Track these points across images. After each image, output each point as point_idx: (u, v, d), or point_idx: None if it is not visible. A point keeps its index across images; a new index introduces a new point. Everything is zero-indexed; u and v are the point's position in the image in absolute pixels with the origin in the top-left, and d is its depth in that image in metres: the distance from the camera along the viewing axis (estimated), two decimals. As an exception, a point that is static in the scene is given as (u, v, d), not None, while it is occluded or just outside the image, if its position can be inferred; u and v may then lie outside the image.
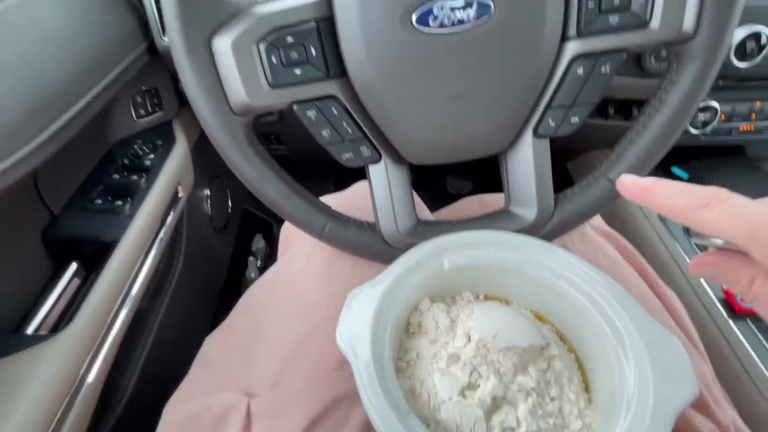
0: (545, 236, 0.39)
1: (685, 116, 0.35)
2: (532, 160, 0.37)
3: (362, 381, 0.27)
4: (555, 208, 0.39)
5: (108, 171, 0.54)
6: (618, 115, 0.66)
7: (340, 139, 0.35)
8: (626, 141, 0.37)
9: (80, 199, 0.50)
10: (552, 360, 0.31)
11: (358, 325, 0.30)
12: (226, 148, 0.34)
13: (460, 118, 0.35)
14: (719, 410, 0.33)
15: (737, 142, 0.67)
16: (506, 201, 0.40)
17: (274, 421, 0.33)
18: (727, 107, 0.63)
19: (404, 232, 0.38)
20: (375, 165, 0.37)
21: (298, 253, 0.44)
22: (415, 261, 0.34)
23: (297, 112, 0.34)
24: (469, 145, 0.37)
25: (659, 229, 0.64)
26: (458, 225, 0.40)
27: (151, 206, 0.51)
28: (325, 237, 0.38)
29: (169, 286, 0.61)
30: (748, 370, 0.49)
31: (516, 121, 0.36)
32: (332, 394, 0.33)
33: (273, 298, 0.42)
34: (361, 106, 0.35)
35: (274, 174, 0.36)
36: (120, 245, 0.46)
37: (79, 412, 0.38)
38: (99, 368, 0.40)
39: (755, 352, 0.50)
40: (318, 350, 0.36)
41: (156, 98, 0.61)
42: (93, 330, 0.40)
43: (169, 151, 0.58)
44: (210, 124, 0.33)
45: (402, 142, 0.36)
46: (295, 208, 0.37)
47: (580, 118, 0.36)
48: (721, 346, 0.52)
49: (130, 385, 0.52)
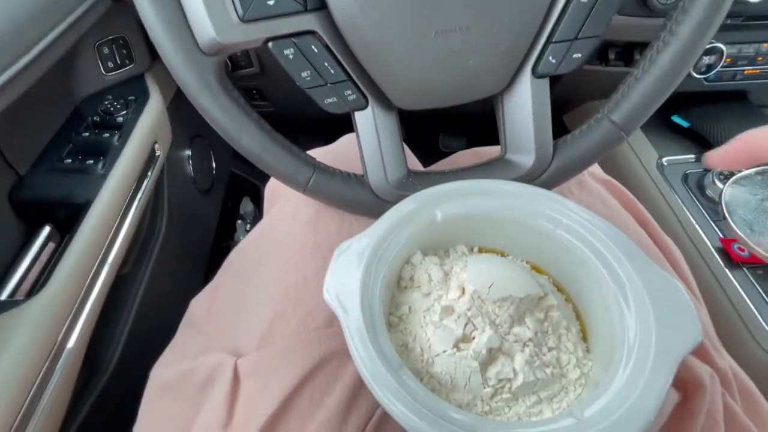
0: (543, 184, 0.37)
1: (696, 49, 0.32)
2: (530, 102, 0.35)
3: (352, 337, 0.26)
4: (554, 154, 0.36)
5: (77, 129, 0.50)
6: (619, 61, 0.63)
7: (322, 82, 0.32)
8: (632, 78, 0.35)
9: (48, 158, 0.47)
10: (549, 310, 0.30)
11: (347, 280, 0.28)
12: (195, 92, 0.31)
13: (453, 54, 0.32)
14: (717, 356, 0.33)
15: (741, 87, 0.64)
16: (502, 149, 0.38)
17: (263, 380, 0.32)
18: (733, 50, 0.60)
19: (394, 183, 0.36)
20: (361, 111, 0.35)
21: (283, 210, 0.42)
22: (406, 212, 0.32)
23: (273, 51, 0.31)
24: (462, 87, 0.34)
25: (657, 179, 0.63)
26: (451, 175, 0.38)
27: (126, 165, 0.48)
28: (310, 190, 0.36)
29: (153, 249, 0.59)
30: (743, 318, 0.49)
31: (513, 59, 0.33)
32: (322, 352, 0.32)
33: (259, 257, 0.41)
34: (344, 43, 0.32)
35: (252, 122, 0.33)
36: (94, 206, 0.43)
37: (61, 377, 0.36)
38: (80, 333, 0.39)
39: (750, 300, 0.50)
40: (306, 307, 0.34)
41: (125, 49, 0.57)
42: (70, 294, 0.38)
43: (143, 106, 0.54)
44: (174, 64, 0.30)
45: (389, 85, 0.33)
46: (277, 159, 0.34)
47: (583, 54, 0.33)
48: (717, 294, 0.52)
49: (117, 350, 0.51)
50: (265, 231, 0.43)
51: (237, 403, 0.32)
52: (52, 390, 0.35)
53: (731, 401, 0.31)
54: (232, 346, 0.35)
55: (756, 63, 0.61)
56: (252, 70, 0.65)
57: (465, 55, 0.32)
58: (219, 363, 0.34)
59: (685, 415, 0.30)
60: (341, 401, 0.30)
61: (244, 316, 0.37)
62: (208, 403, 0.33)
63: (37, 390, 0.34)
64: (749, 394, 0.33)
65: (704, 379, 0.30)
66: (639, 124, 0.35)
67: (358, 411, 0.31)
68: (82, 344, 0.40)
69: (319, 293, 0.34)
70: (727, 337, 0.46)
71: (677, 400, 0.30)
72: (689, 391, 0.30)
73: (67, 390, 0.39)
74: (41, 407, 0.34)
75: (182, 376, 0.36)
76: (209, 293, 0.43)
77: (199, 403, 0.34)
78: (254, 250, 0.42)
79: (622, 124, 0.35)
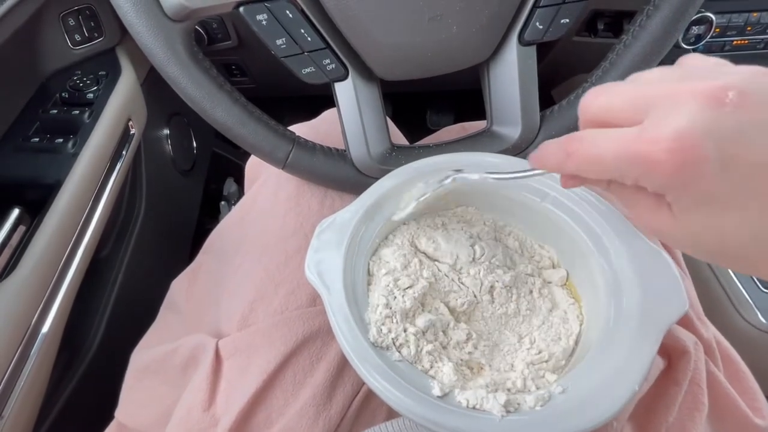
0: (530, 157, 0.36)
1: (688, 11, 0.31)
2: (516, 71, 0.34)
3: (334, 315, 0.25)
4: (541, 125, 0.35)
5: (44, 105, 0.47)
6: (608, 32, 0.61)
7: (298, 50, 0.31)
8: (621, 45, 0.33)
9: (13, 137, 0.44)
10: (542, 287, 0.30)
11: (329, 256, 0.28)
12: (161, 61, 0.29)
13: (436, 19, 0.30)
14: (702, 326, 0.33)
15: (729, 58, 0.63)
16: (488, 121, 0.37)
17: (245, 360, 0.31)
18: (723, 20, 0.59)
19: (376, 158, 0.35)
20: (341, 83, 0.33)
21: (264, 188, 0.40)
22: (390, 187, 0.31)
23: (245, 16, 0.29)
24: (446, 55, 0.33)
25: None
26: (436, 149, 0.36)
27: (98, 143, 0.46)
28: (290, 166, 0.34)
29: (133, 231, 0.58)
30: (727, 291, 0.50)
31: (499, 24, 0.32)
32: (305, 330, 0.31)
33: (240, 237, 0.39)
34: (321, 8, 0.30)
35: (225, 94, 0.32)
36: (65, 186, 0.41)
37: (36, 361, 0.35)
38: (55, 317, 0.37)
39: (734, 273, 0.51)
40: (289, 287, 0.33)
41: (93, 21, 0.53)
42: (42, 277, 0.37)
43: (115, 82, 0.51)
44: (138, 29, 0.28)
45: (370, 53, 0.32)
46: (253, 134, 0.33)
47: (570, 19, 0.32)
48: (702, 267, 0.52)
49: (99, 333, 0.50)
50: (245, 210, 0.41)
51: (219, 383, 0.31)
52: (27, 374, 0.34)
53: (714, 368, 0.32)
54: (213, 327, 0.34)
55: (745, 33, 0.60)
56: (229, 43, 0.62)
57: (448, 19, 0.30)
58: (200, 344, 0.33)
59: (669, 381, 0.30)
60: (325, 380, 0.30)
61: (225, 297, 0.36)
62: (190, 384, 0.32)
63: (11, 374, 0.33)
64: (732, 362, 0.34)
65: (689, 347, 0.30)
66: None
67: (343, 388, 0.30)
68: (58, 328, 0.39)
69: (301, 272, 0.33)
70: (712, 309, 0.47)
71: (663, 367, 0.30)
72: (674, 358, 0.30)
73: (44, 374, 0.38)
74: (17, 391, 0.33)
75: (164, 358, 0.36)
76: (190, 275, 0.42)
77: (181, 385, 0.33)
78: (235, 229, 0.41)
79: None
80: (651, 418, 0.30)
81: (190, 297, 0.40)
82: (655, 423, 0.30)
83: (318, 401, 0.29)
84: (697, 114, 0.15)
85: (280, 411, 0.30)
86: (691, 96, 0.16)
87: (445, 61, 0.33)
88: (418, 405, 0.22)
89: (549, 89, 0.82)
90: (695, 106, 0.15)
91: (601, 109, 0.19)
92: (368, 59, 0.32)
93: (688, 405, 0.30)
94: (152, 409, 0.35)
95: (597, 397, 0.22)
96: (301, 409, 0.29)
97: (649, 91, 0.17)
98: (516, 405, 0.23)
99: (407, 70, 0.33)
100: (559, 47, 0.66)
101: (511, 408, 0.22)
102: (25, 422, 0.37)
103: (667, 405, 0.29)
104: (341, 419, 0.30)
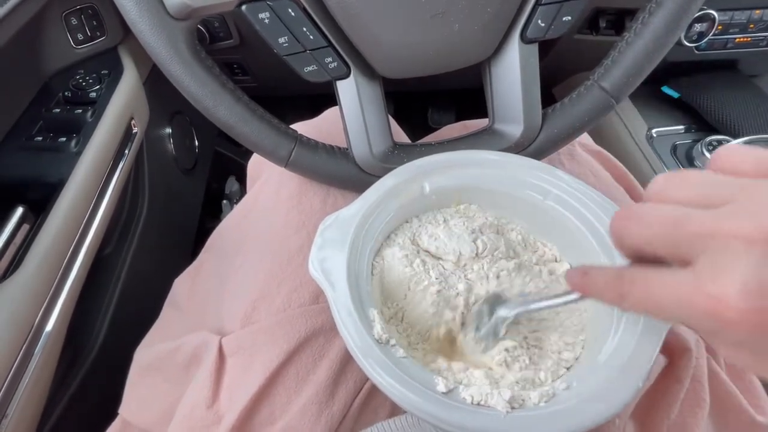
0: (532, 155, 0.36)
1: (691, 9, 0.31)
2: (518, 69, 0.34)
3: (339, 312, 0.25)
4: (543, 123, 0.35)
5: (47, 105, 0.48)
6: (610, 30, 0.61)
7: (300, 48, 0.31)
8: (623, 43, 0.33)
9: (17, 136, 0.44)
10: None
11: (333, 253, 0.28)
12: (164, 59, 0.29)
13: (438, 17, 0.30)
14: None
15: (732, 55, 0.63)
16: (490, 119, 0.37)
17: (248, 357, 0.31)
18: (725, 17, 0.59)
19: (379, 156, 0.35)
20: (343, 81, 0.33)
21: (266, 186, 0.40)
22: (392, 185, 0.31)
23: (247, 15, 0.29)
24: (448, 53, 0.33)
25: (646, 150, 0.62)
26: (438, 147, 0.36)
27: (102, 142, 0.46)
28: (292, 164, 0.34)
29: (135, 230, 0.58)
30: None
31: (501, 22, 0.32)
32: (308, 328, 0.31)
33: (242, 235, 0.40)
34: (323, 6, 0.30)
35: (228, 92, 0.32)
36: (68, 185, 0.41)
37: (40, 360, 0.36)
38: (59, 315, 0.38)
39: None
40: (291, 285, 0.33)
41: (95, 20, 0.53)
42: (46, 276, 0.37)
43: (117, 81, 0.51)
44: (141, 28, 0.28)
45: (372, 51, 0.32)
46: (256, 132, 0.33)
47: (573, 17, 0.32)
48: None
49: (102, 331, 0.50)
50: (247, 208, 0.41)
51: (222, 381, 0.31)
52: (31, 373, 0.35)
53: (716, 365, 0.32)
54: (216, 325, 0.35)
55: (747, 30, 0.60)
56: (231, 42, 0.62)
57: (450, 17, 0.30)
58: (204, 341, 0.33)
59: (671, 378, 0.30)
60: (328, 377, 0.30)
61: (228, 295, 0.36)
62: (193, 382, 0.32)
63: (15, 372, 0.33)
64: (733, 360, 0.34)
65: (690, 344, 0.30)
66: (630, 91, 0.34)
67: (345, 385, 0.30)
68: (62, 326, 0.39)
69: (304, 270, 0.33)
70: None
71: (664, 364, 0.30)
72: (676, 355, 0.31)
73: (48, 372, 0.38)
74: (21, 389, 0.34)
75: (167, 356, 0.36)
76: (192, 273, 0.42)
77: (185, 382, 0.33)
78: (237, 228, 0.41)
79: (612, 91, 0.34)
80: (653, 415, 0.30)
81: (193, 295, 0.40)
82: (657, 420, 0.30)
83: (321, 399, 0.30)
84: (757, 266, 0.14)
85: (283, 408, 0.30)
86: (743, 243, 0.15)
87: (447, 59, 0.33)
88: (423, 401, 0.22)
89: (551, 87, 0.82)
90: (753, 258, 0.14)
91: (637, 243, 0.17)
92: (370, 57, 0.32)
93: (690, 402, 0.30)
94: (156, 407, 0.35)
95: (601, 394, 0.22)
96: (303, 407, 0.29)
97: (687, 228, 0.16)
98: (520, 401, 0.23)
99: (409, 68, 0.33)
100: (561, 45, 0.66)
101: (515, 404, 0.22)
102: (30, 420, 0.38)
103: (669, 402, 0.30)
104: (344, 416, 0.30)
